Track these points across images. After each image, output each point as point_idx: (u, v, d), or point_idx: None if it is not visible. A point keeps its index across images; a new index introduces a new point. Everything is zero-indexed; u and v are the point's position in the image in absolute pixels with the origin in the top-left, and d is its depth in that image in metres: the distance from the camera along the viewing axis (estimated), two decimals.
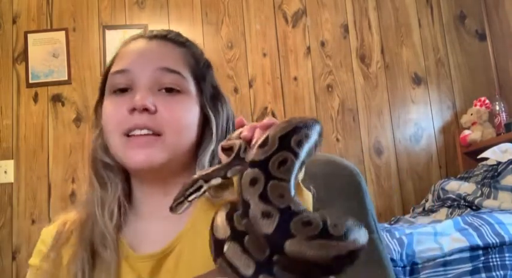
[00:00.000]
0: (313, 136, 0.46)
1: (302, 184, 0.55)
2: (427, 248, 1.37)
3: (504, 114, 2.40)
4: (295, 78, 2.59)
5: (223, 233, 0.41)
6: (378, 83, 2.63)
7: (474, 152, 2.37)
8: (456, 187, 2.06)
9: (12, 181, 2.37)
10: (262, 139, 0.44)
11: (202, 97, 0.74)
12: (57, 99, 2.47)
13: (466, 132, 2.46)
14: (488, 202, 1.82)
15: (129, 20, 2.57)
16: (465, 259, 1.33)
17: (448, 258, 1.33)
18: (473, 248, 1.34)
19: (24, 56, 2.48)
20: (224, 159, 0.54)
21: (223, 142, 0.55)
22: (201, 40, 2.57)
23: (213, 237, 0.42)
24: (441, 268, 1.33)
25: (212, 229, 0.42)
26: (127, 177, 0.75)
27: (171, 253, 0.69)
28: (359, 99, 2.61)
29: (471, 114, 2.48)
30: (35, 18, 2.53)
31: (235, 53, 2.59)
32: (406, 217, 2.14)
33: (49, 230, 0.76)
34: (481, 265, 1.31)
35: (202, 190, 0.50)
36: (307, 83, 2.60)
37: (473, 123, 2.46)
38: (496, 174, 1.97)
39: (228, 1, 2.64)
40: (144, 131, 0.67)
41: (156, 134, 0.68)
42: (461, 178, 2.19)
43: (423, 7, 2.72)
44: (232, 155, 0.50)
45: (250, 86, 2.57)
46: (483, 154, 2.13)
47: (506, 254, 1.32)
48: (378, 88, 2.62)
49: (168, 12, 2.60)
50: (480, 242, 1.34)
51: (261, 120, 0.52)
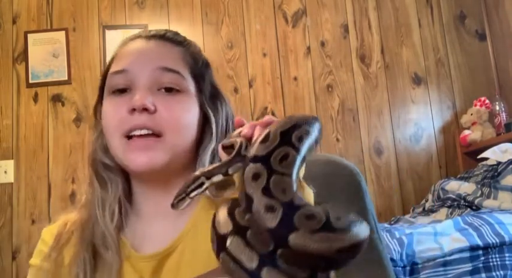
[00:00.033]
0: (314, 132, 0.46)
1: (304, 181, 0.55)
2: (427, 248, 1.37)
3: (504, 114, 2.40)
4: (295, 78, 2.59)
5: (226, 228, 0.40)
6: (378, 83, 2.63)
7: (474, 152, 2.37)
8: (456, 187, 2.06)
9: (12, 181, 2.37)
10: (263, 135, 0.44)
11: (202, 97, 0.74)
12: (57, 99, 2.47)
13: (466, 132, 2.46)
14: (488, 202, 1.82)
15: (129, 20, 2.57)
16: (465, 259, 1.33)
17: (448, 258, 1.33)
18: (473, 248, 1.34)
19: (24, 56, 2.48)
20: (224, 158, 0.54)
21: (224, 141, 0.55)
22: (201, 40, 2.57)
23: (215, 232, 0.42)
24: (441, 268, 1.33)
25: (214, 225, 0.42)
26: (127, 177, 0.75)
27: (173, 252, 0.68)
28: (359, 99, 2.61)
29: (471, 114, 2.48)
30: (35, 18, 2.53)
31: (235, 53, 2.59)
32: (406, 217, 2.14)
33: (50, 230, 0.76)
34: (481, 265, 1.31)
35: (204, 186, 0.50)
36: (307, 83, 2.60)
37: (473, 123, 2.46)
38: (496, 174, 1.97)
39: (228, 1, 2.64)
40: (144, 131, 0.67)
41: (156, 134, 0.68)
42: (461, 178, 2.19)
43: (423, 7, 2.72)
44: (234, 152, 0.50)
45: (250, 86, 2.57)
46: (483, 154, 2.13)
47: (506, 254, 1.31)
48: (378, 88, 2.62)
49: (168, 12, 2.60)
50: (480, 242, 1.34)
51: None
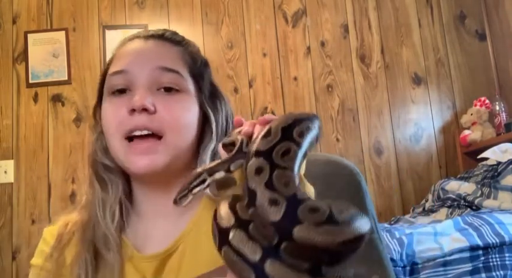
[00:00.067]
0: (314, 128, 0.47)
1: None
2: (427, 248, 1.37)
3: (504, 114, 2.40)
4: (295, 78, 2.59)
5: (228, 222, 0.40)
6: (378, 83, 2.63)
7: (474, 152, 2.36)
8: (456, 187, 2.06)
9: (12, 181, 2.37)
10: (265, 130, 0.45)
11: (201, 96, 0.74)
12: (57, 99, 2.47)
13: (466, 132, 2.46)
14: (488, 202, 1.82)
15: (129, 20, 2.57)
16: (465, 259, 1.33)
17: (448, 258, 1.33)
18: (473, 248, 1.34)
19: (24, 56, 2.48)
20: (225, 156, 0.54)
21: (224, 139, 0.55)
22: (201, 40, 2.57)
23: (217, 226, 0.41)
24: (441, 268, 1.33)
25: (216, 219, 0.42)
26: (128, 178, 0.75)
27: (175, 252, 0.68)
28: (359, 99, 2.61)
29: (471, 114, 2.48)
30: (35, 18, 2.53)
31: (235, 53, 2.59)
32: (406, 217, 2.14)
33: (51, 230, 0.75)
34: (481, 265, 1.31)
35: (206, 183, 0.50)
36: (307, 83, 2.60)
37: (473, 123, 2.46)
38: (496, 174, 1.97)
39: (228, 1, 2.64)
40: (144, 132, 0.67)
41: (156, 135, 0.67)
42: (461, 178, 2.19)
43: (423, 7, 2.72)
44: (235, 149, 0.50)
45: (250, 86, 2.57)
46: (483, 154, 2.13)
47: (506, 254, 1.31)
48: (378, 88, 2.62)
49: (168, 12, 2.60)
50: (480, 242, 1.34)
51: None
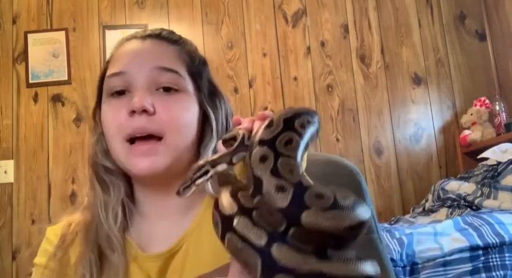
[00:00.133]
0: (315, 122, 0.48)
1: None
2: (427, 248, 1.37)
3: (504, 114, 2.40)
4: (295, 78, 2.59)
5: (231, 209, 0.40)
6: (378, 83, 2.63)
7: (474, 152, 2.37)
8: (456, 187, 2.06)
9: (12, 181, 2.37)
10: (267, 121, 0.46)
11: (200, 95, 0.73)
12: (57, 99, 2.47)
13: (466, 132, 2.46)
14: (488, 202, 1.82)
15: (129, 20, 2.57)
16: (465, 259, 1.33)
17: (448, 258, 1.33)
18: (473, 248, 1.34)
19: (24, 56, 2.48)
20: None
21: (225, 135, 0.56)
22: (201, 40, 2.57)
23: (220, 214, 0.41)
24: (441, 268, 1.33)
25: (218, 207, 0.42)
26: (129, 179, 0.75)
27: (178, 251, 0.68)
28: (359, 99, 2.61)
29: (471, 114, 2.48)
30: (35, 18, 2.53)
31: (235, 53, 2.59)
32: (406, 217, 2.14)
33: (54, 229, 0.75)
34: (481, 265, 1.31)
35: (209, 174, 0.50)
36: (307, 83, 2.60)
37: (473, 123, 2.46)
38: (496, 174, 1.97)
39: (228, 1, 2.64)
40: (144, 134, 0.67)
41: (156, 136, 0.67)
42: (461, 178, 2.19)
43: (423, 7, 2.72)
44: (237, 142, 0.51)
45: (250, 86, 2.57)
46: (483, 154, 2.13)
47: (506, 254, 1.31)
48: (378, 88, 2.62)
49: (168, 12, 2.60)
50: (480, 242, 1.34)
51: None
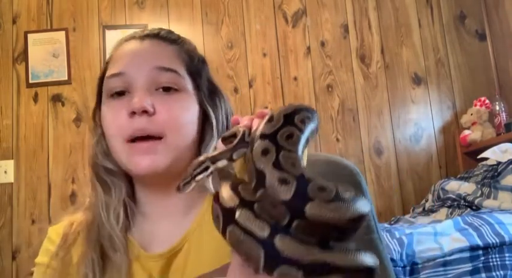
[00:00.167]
0: (314, 118, 0.48)
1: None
2: (427, 248, 1.37)
3: (504, 114, 2.40)
4: (295, 78, 2.59)
5: (232, 202, 0.40)
6: (378, 83, 2.63)
7: (474, 152, 2.37)
8: (456, 187, 2.06)
9: (12, 181, 2.37)
10: (268, 116, 0.46)
11: (200, 94, 0.73)
12: (57, 99, 2.47)
13: (466, 132, 2.46)
14: (488, 202, 1.82)
15: (129, 20, 2.57)
16: (465, 259, 1.33)
17: (448, 258, 1.33)
18: (473, 248, 1.34)
19: (24, 56, 2.48)
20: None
21: (225, 133, 0.56)
22: (201, 40, 2.57)
23: (221, 207, 0.41)
24: (441, 268, 1.33)
25: (218, 200, 0.42)
26: (130, 179, 0.74)
27: (180, 251, 0.68)
28: (359, 99, 2.61)
29: (471, 114, 2.48)
30: (35, 18, 2.53)
31: (235, 53, 2.59)
32: (406, 217, 2.14)
33: (56, 229, 0.75)
34: (481, 265, 1.31)
35: (209, 170, 0.50)
36: (307, 83, 2.60)
37: (473, 123, 2.47)
38: (496, 174, 1.97)
39: (228, 1, 2.64)
40: (145, 134, 0.67)
41: (157, 137, 0.67)
42: (461, 178, 2.19)
43: (423, 7, 2.72)
44: (237, 139, 0.51)
45: (250, 86, 2.57)
46: (483, 154, 2.13)
47: (506, 254, 1.31)
48: (378, 88, 2.62)
49: (168, 12, 2.60)
50: (480, 242, 1.34)
51: None
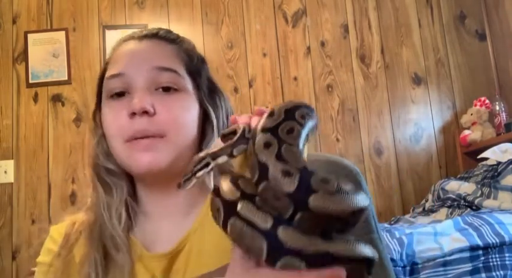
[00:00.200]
0: (313, 116, 0.48)
1: None
2: (427, 248, 1.37)
3: (504, 114, 2.40)
4: (295, 78, 2.59)
5: (233, 195, 0.41)
6: (378, 83, 2.63)
7: (474, 152, 2.37)
8: (456, 187, 2.06)
9: (12, 181, 2.37)
10: (269, 111, 0.46)
11: (200, 93, 0.73)
12: (57, 99, 2.47)
13: (466, 132, 2.46)
14: (488, 202, 1.82)
15: (129, 20, 2.57)
16: (465, 259, 1.33)
17: (448, 258, 1.33)
18: (473, 248, 1.34)
19: (24, 56, 2.48)
20: None
21: (224, 130, 0.56)
22: (201, 40, 2.57)
23: (221, 200, 0.41)
24: (441, 268, 1.33)
25: (218, 194, 0.42)
26: (132, 179, 0.74)
27: (181, 251, 0.68)
28: (359, 99, 2.61)
29: (471, 114, 2.48)
30: (35, 18, 2.53)
31: (235, 53, 2.59)
32: (406, 217, 2.14)
33: (57, 229, 0.75)
34: (481, 265, 1.31)
35: (210, 167, 0.50)
36: (307, 83, 2.60)
37: (473, 123, 2.47)
38: (496, 174, 1.97)
39: (228, 1, 2.64)
40: (145, 135, 0.67)
41: (158, 136, 0.67)
42: (461, 178, 2.19)
43: (423, 7, 2.72)
44: (237, 135, 0.51)
45: (250, 86, 2.57)
46: (483, 154, 2.13)
47: (506, 254, 1.31)
48: (378, 88, 2.62)
49: (168, 12, 2.60)
50: (480, 242, 1.34)
51: None
